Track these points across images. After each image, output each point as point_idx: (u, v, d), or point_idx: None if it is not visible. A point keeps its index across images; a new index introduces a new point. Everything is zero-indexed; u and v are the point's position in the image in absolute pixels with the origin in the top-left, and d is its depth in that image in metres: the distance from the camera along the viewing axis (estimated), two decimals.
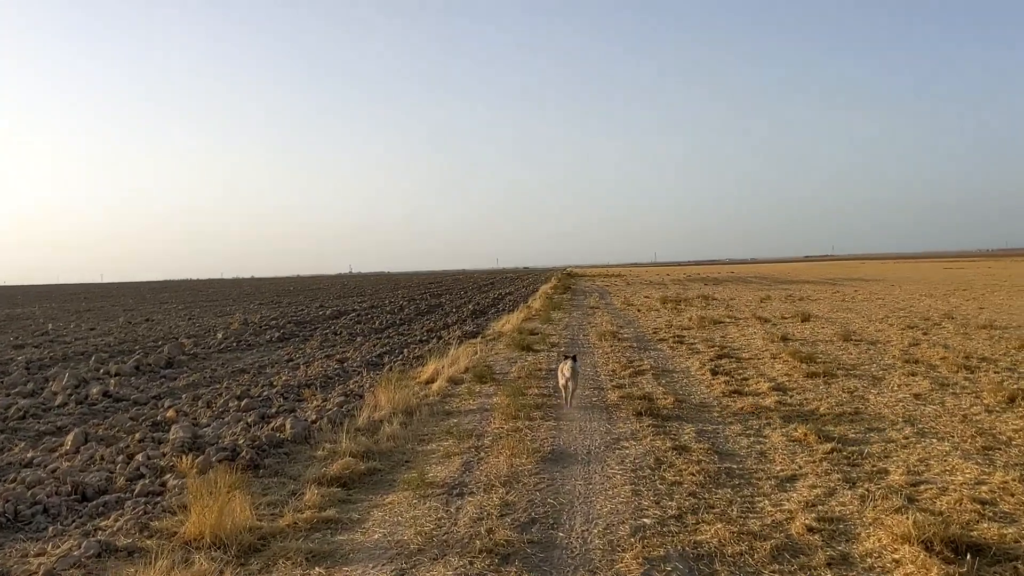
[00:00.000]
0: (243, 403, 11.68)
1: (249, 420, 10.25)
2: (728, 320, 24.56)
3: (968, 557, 4.96)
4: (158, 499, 7.01)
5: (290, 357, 19.95)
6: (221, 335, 26.30)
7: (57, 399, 13.28)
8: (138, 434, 9.85)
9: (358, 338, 24.33)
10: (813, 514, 5.98)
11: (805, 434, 8.60)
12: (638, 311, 30.56)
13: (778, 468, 7.41)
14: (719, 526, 5.72)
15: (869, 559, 5.15)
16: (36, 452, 9.27)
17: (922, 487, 6.66)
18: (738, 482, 6.97)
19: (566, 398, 11.01)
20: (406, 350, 19.84)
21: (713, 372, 13.52)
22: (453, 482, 7.26)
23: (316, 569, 5.37)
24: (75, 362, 20.10)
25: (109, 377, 16.59)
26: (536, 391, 12.26)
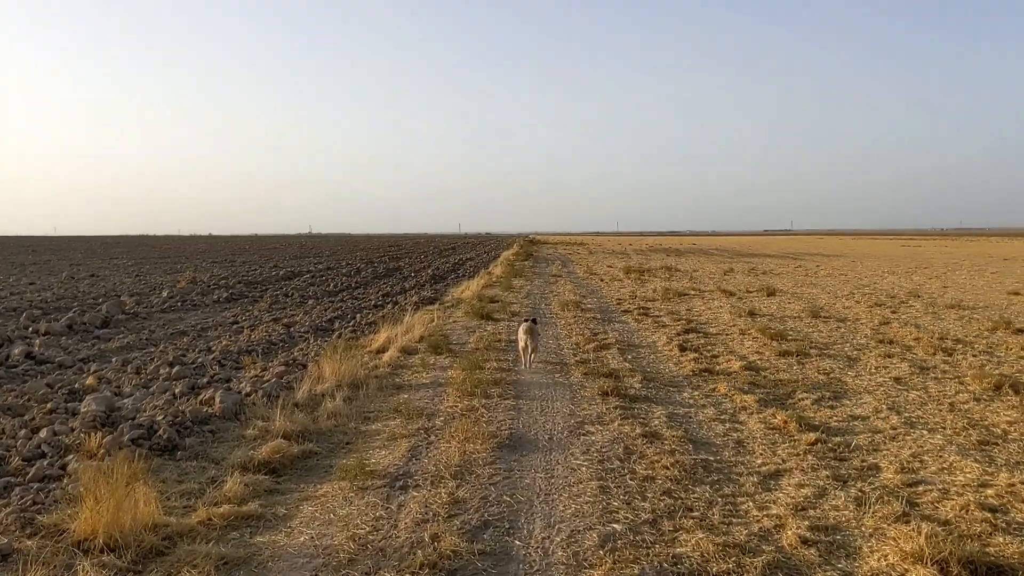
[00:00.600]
0: (174, 370, 10.65)
1: (177, 390, 9.25)
2: (693, 293, 23.97)
3: None
4: (54, 486, 6.05)
5: (236, 319, 18.84)
6: (166, 294, 24.99)
7: None
8: (50, 404, 8.81)
9: (310, 301, 23.23)
10: (805, 521, 5.26)
11: (785, 421, 7.91)
12: (601, 280, 29.86)
13: (759, 461, 6.69)
14: (700, 536, 4.95)
15: None
16: None
17: (921, 488, 5.98)
18: (717, 478, 6.22)
19: (525, 361, 11.12)
20: (359, 316, 18.84)
21: (681, 348, 12.82)
22: (397, 472, 6.40)
23: None
24: (3, 319, 18.75)
25: (37, 336, 15.36)
26: (495, 364, 11.43)
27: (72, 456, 6.72)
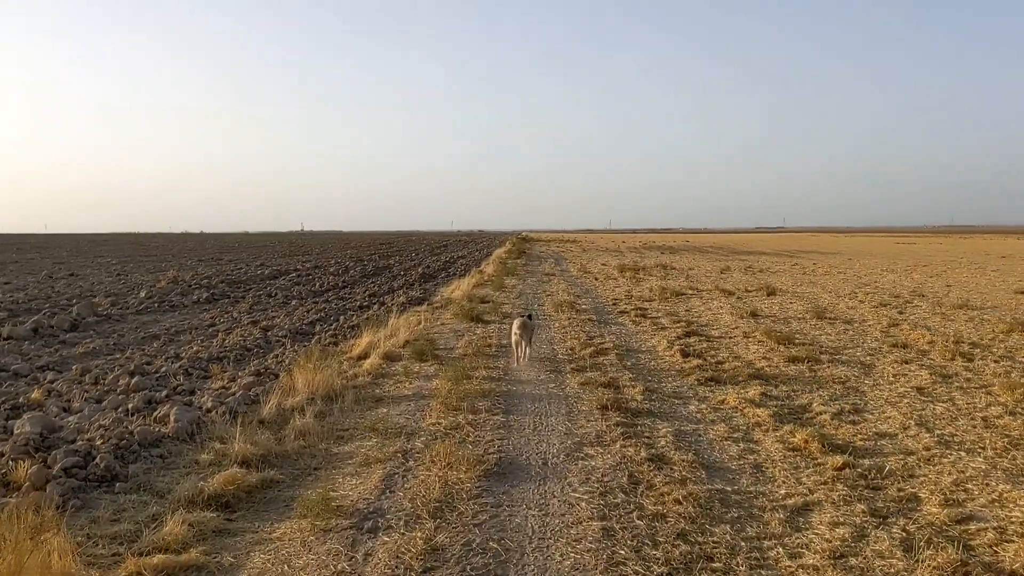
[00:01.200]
0: (133, 381, 9.74)
1: (131, 405, 8.35)
2: (691, 292, 23.16)
3: None
4: None
5: (213, 321, 17.93)
6: (144, 294, 24.02)
7: None
8: None
9: (293, 301, 22.32)
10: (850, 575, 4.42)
11: (806, 440, 7.09)
12: (595, 279, 29.03)
13: (783, 492, 5.85)
14: None
15: None
16: None
17: (973, 527, 5.15)
18: (737, 514, 5.38)
19: (517, 355, 11.17)
20: (342, 317, 17.95)
21: (684, 353, 11.99)
22: (367, 508, 5.53)
23: None
24: None
25: None
26: (484, 373, 10.58)
27: None
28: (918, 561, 4.57)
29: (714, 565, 4.54)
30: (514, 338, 11.16)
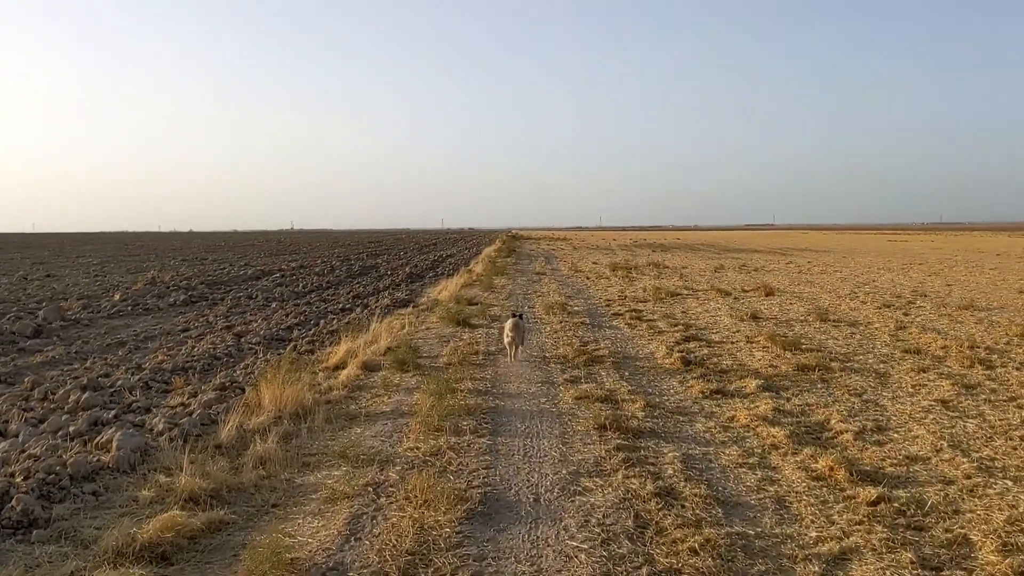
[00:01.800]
0: (84, 397, 8.84)
1: (73, 428, 7.45)
2: (686, 292, 22.36)
3: None
4: None
5: (187, 326, 17.02)
6: (118, 296, 23.07)
7: None
8: None
9: (273, 303, 21.41)
10: None
11: (831, 468, 6.28)
12: (587, 278, 28.21)
13: (814, 535, 5.03)
14: None
15: None
16: None
17: None
18: (765, 568, 4.56)
19: (511, 354, 11.43)
20: (323, 321, 17.05)
21: (684, 361, 11.18)
22: (326, 562, 4.66)
23: None
24: None
25: None
26: (470, 385, 9.73)
27: None
28: None
29: None
30: (507, 339, 11.38)
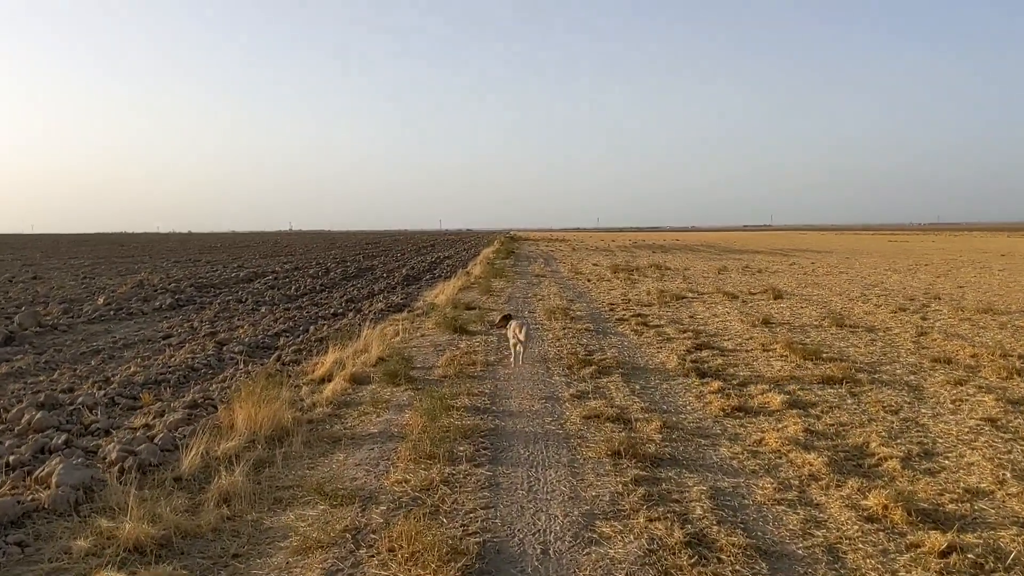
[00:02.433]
0: (38, 417, 7.94)
1: (13, 458, 6.56)
2: (691, 295, 21.50)
3: None
4: None
5: (169, 332, 16.13)
6: (102, 300, 22.15)
7: None
8: None
9: (263, 308, 20.51)
10: None
11: (885, 506, 5.41)
12: (588, 281, 27.34)
13: None
14: None
15: None
16: None
17: None
18: None
19: (515, 357, 11.12)
20: (312, 327, 16.16)
21: (700, 373, 10.32)
22: None
23: None
24: None
25: None
26: (467, 401, 8.85)
27: None
28: None
29: None
30: (512, 340, 11.18)
